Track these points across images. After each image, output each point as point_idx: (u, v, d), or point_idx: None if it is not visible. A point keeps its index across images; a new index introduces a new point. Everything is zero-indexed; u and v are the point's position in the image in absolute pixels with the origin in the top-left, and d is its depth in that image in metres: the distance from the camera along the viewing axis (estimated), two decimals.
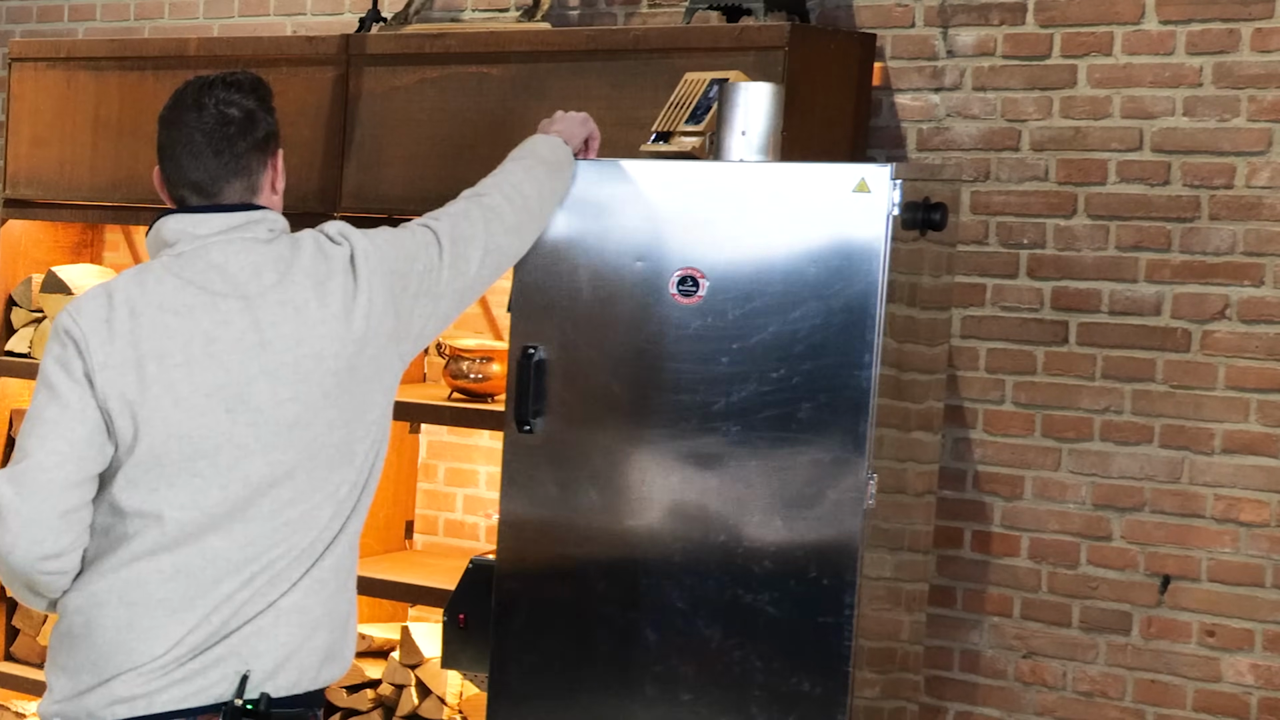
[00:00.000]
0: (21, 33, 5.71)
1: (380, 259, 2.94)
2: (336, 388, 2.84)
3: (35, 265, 5.31)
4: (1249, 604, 3.95)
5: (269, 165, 2.93)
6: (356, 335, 2.86)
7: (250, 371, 2.79)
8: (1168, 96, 4.01)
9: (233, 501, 2.79)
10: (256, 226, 2.88)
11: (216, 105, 2.89)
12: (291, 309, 2.82)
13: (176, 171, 2.92)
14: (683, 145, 3.73)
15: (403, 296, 2.96)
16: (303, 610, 2.82)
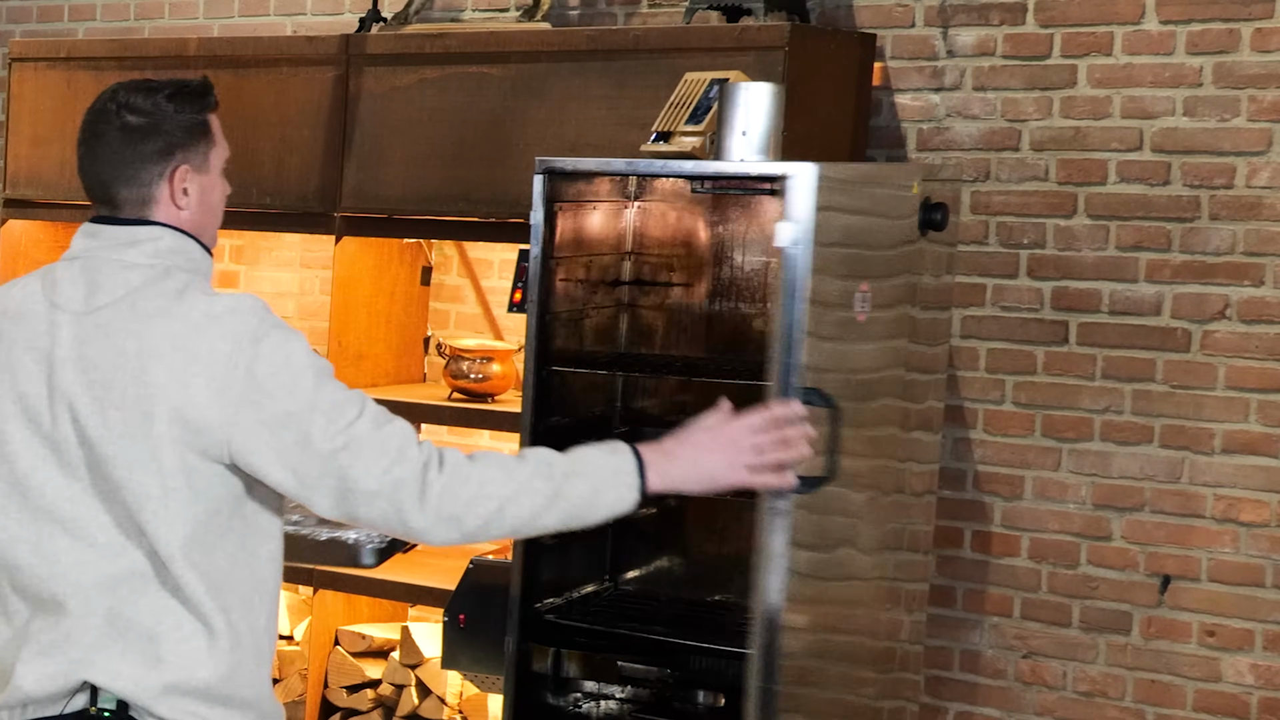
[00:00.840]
0: (21, 33, 5.71)
1: (246, 349, 2.65)
2: (122, 424, 2.67)
3: (35, 265, 5.28)
4: (1249, 604, 3.95)
5: (165, 178, 2.77)
6: (158, 383, 2.66)
7: (48, 386, 2.71)
8: (1168, 96, 4.01)
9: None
10: (134, 249, 2.76)
11: (118, 111, 2.78)
12: (103, 334, 2.69)
13: (79, 174, 2.84)
14: (683, 145, 3.73)
15: (246, 407, 2.65)
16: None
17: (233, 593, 2.69)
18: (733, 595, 4.00)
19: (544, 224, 3.77)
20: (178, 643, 2.65)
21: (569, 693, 3.96)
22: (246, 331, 2.65)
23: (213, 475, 2.66)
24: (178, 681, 2.64)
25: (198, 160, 2.80)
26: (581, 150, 4.10)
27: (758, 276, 4.08)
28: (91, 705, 2.65)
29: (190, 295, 2.71)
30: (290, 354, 2.67)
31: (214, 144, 2.83)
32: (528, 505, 2.69)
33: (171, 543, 2.64)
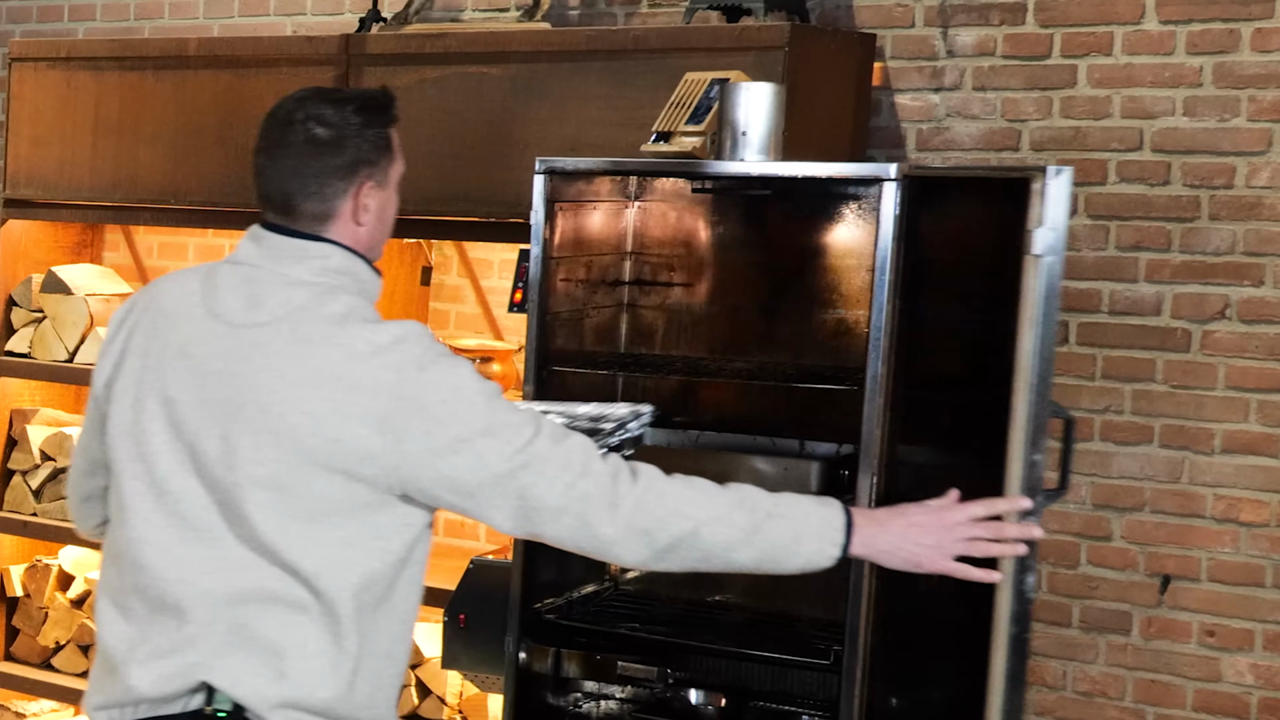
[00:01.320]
0: (21, 33, 5.71)
1: (411, 379, 2.61)
2: (273, 448, 2.65)
3: (35, 265, 5.31)
4: (1249, 604, 3.95)
5: (350, 193, 2.73)
6: (318, 414, 2.63)
7: (198, 396, 2.69)
8: (1168, 96, 4.01)
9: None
10: (300, 265, 2.72)
11: (305, 121, 2.72)
12: (261, 351, 2.67)
13: (257, 183, 2.78)
14: (683, 145, 3.73)
15: (415, 436, 2.62)
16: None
17: (372, 622, 2.67)
18: (732, 595, 4.00)
19: (544, 224, 3.77)
20: (302, 659, 2.63)
21: (569, 693, 3.96)
22: (411, 361, 2.62)
23: (377, 503, 2.63)
24: (298, 698, 2.63)
25: (380, 175, 2.76)
26: (581, 150, 4.10)
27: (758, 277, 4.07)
28: (207, 705, 2.64)
29: (353, 323, 2.65)
30: (458, 380, 2.64)
31: (394, 159, 2.80)
32: (723, 534, 2.65)
33: (312, 566, 2.62)
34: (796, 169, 3.63)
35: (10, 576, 5.28)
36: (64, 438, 5.19)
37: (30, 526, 5.17)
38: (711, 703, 3.83)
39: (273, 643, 2.63)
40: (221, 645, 2.64)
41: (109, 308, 5.19)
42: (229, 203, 4.76)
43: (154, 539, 2.69)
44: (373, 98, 2.80)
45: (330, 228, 2.73)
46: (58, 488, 5.16)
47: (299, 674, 2.63)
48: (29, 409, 5.31)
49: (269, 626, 2.63)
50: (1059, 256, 3.17)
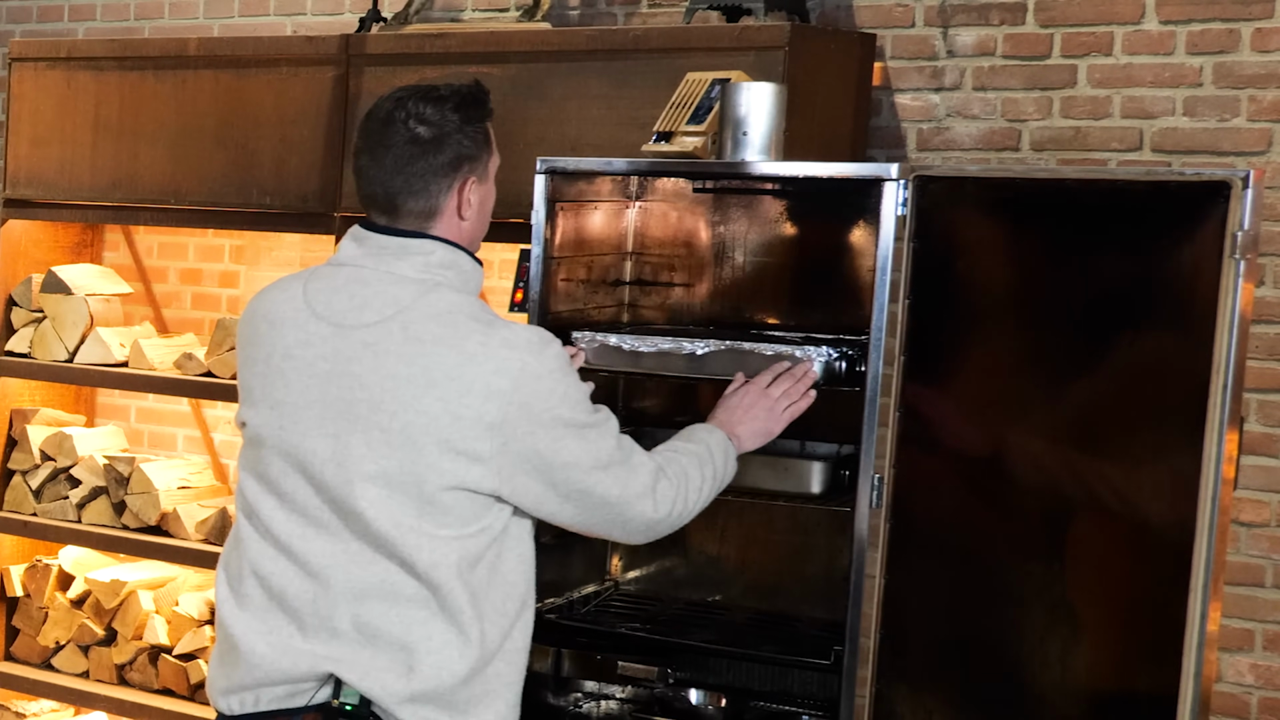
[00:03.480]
0: (21, 33, 5.71)
1: (525, 386, 2.73)
2: (385, 446, 2.72)
3: (35, 265, 5.31)
4: (1249, 604, 3.95)
5: (454, 190, 2.80)
6: (430, 413, 2.71)
7: (306, 397, 2.75)
8: (1168, 96, 4.01)
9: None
10: (403, 261, 2.79)
11: (406, 120, 2.78)
12: (370, 351, 2.73)
13: (359, 183, 2.84)
14: (684, 145, 3.73)
15: (521, 438, 2.75)
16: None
17: (487, 600, 2.75)
18: (733, 595, 4.00)
19: (545, 224, 3.77)
20: (429, 653, 2.71)
21: (569, 693, 3.96)
22: (525, 368, 2.72)
23: (474, 501, 2.72)
24: (426, 691, 2.70)
25: (481, 170, 2.83)
26: (582, 150, 4.10)
27: (759, 277, 4.07)
28: (334, 699, 2.71)
29: (463, 321, 2.72)
30: (567, 391, 2.77)
31: (493, 153, 2.87)
32: (706, 488, 3.07)
33: (426, 560, 2.69)
34: (798, 169, 3.63)
35: (10, 576, 5.28)
36: (64, 438, 5.18)
37: (30, 526, 5.17)
38: (711, 703, 3.83)
39: (398, 638, 2.70)
40: (348, 639, 2.71)
41: (109, 308, 5.19)
42: (229, 203, 4.76)
43: (277, 532, 2.76)
44: (470, 94, 2.84)
45: (435, 224, 2.80)
46: (58, 488, 5.16)
47: (428, 667, 2.70)
48: (29, 409, 5.31)
49: (393, 621, 2.70)
50: (1250, 259, 3.15)
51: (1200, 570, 3.08)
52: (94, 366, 5.08)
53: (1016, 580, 3.32)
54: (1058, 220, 3.27)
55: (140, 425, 5.51)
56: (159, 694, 4.96)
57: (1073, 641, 3.26)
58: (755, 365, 3.52)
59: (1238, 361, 3.08)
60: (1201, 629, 3.09)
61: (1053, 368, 3.31)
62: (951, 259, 3.40)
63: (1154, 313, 3.23)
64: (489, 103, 2.86)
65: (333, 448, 2.72)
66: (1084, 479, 3.25)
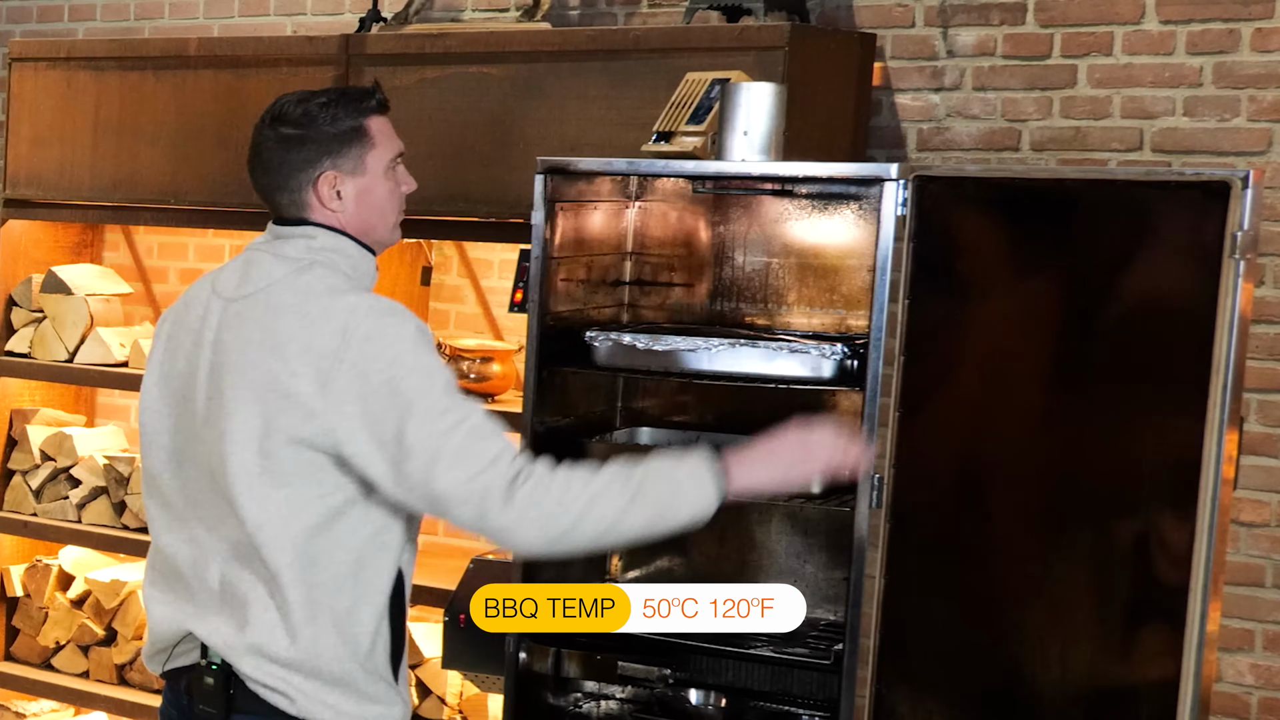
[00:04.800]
0: (21, 33, 5.71)
1: (357, 344, 2.80)
2: (238, 403, 2.86)
3: (35, 265, 5.31)
4: (1249, 604, 3.95)
5: (311, 185, 2.93)
6: (272, 373, 2.84)
7: (193, 365, 2.94)
8: (1168, 96, 4.01)
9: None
10: (289, 243, 2.94)
11: (277, 120, 2.96)
12: (240, 320, 2.89)
13: (252, 182, 3.03)
14: (684, 145, 3.73)
15: (352, 399, 2.80)
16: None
17: (324, 572, 2.84)
18: None
19: (545, 224, 3.77)
20: (261, 612, 2.84)
21: (569, 693, 3.96)
22: (357, 328, 2.80)
23: (319, 463, 2.81)
24: (258, 645, 2.83)
25: (349, 164, 2.94)
26: (582, 150, 4.10)
27: (759, 277, 4.08)
28: (201, 659, 2.92)
29: (320, 293, 2.86)
30: (398, 355, 2.79)
31: (373, 145, 2.95)
32: (610, 506, 2.78)
33: (252, 518, 2.82)
34: (797, 169, 3.63)
35: (10, 576, 5.28)
36: (64, 438, 5.18)
37: (30, 526, 5.17)
38: (711, 703, 3.83)
39: (241, 595, 2.86)
40: (210, 600, 2.90)
41: (109, 308, 5.19)
42: (229, 203, 4.76)
43: (172, 501, 2.97)
44: (347, 91, 3.01)
45: (310, 216, 2.95)
46: (58, 488, 5.16)
47: (258, 623, 2.84)
48: (29, 409, 5.31)
49: (241, 579, 2.86)
50: (1249, 260, 3.14)
51: (1200, 570, 3.09)
52: (94, 366, 5.08)
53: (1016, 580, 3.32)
54: (1057, 220, 3.27)
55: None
56: (159, 694, 4.95)
57: (1072, 641, 3.26)
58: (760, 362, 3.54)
59: (1237, 361, 3.09)
60: (1201, 629, 3.10)
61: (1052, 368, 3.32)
62: (951, 259, 3.40)
63: (1154, 313, 3.23)
64: (371, 98, 2.98)
65: (206, 409, 2.89)
66: (1083, 478, 3.26)
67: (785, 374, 3.65)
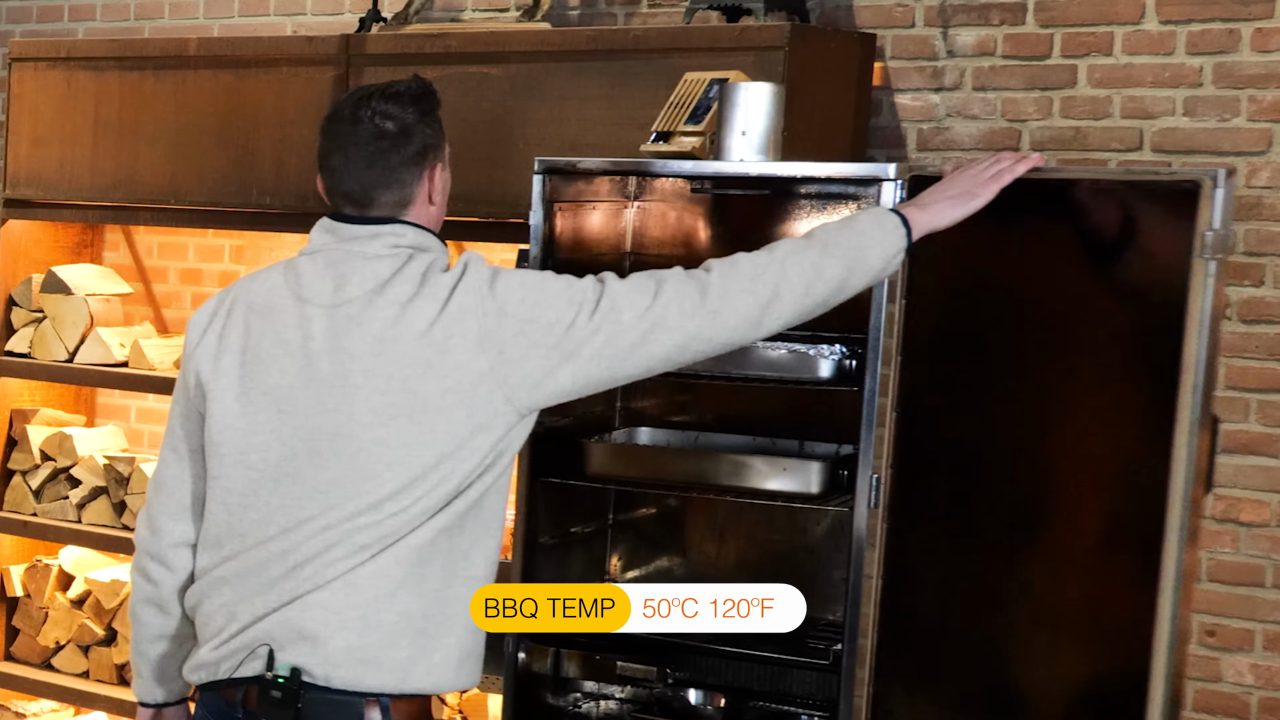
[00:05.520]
0: (21, 33, 5.71)
1: (488, 295, 2.86)
2: (390, 408, 2.83)
3: (35, 265, 5.31)
4: (1249, 604, 3.95)
5: (424, 178, 2.98)
6: (424, 361, 2.83)
7: (304, 377, 2.87)
8: (1168, 96, 4.01)
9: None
10: (375, 241, 2.92)
11: (371, 118, 2.94)
12: (356, 324, 2.86)
13: (332, 181, 2.98)
14: (683, 145, 3.73)
15: (512, 341, 2.85)
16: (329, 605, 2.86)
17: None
18: None
19: (543, 224, 3.77)
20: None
21: (569, 693, 3.96)
22: (482, 280, 2.87)
23: (504, 424, 2.86)
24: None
25: (443, 157, 3.05)
26: (581, 150, 4.10)
27: None
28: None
29: (433, 274, 2.89)
30: (523, 279, 2.90)
31: (446, 140, 3.07)
32: (804, 259, 2.89)
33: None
34: (796, 169, 3.63)
35: (10, 576, 5.28)
36: (64, 438, 5.19)
37: (30, 526, 5.17)
38: (711, 703, 3.83)
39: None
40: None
41: (109, 308, 5.19)
42: (229, 203, 4.76)
43: (270, 514, 2.88)
44: (421, 88, 3.02)
45: (409, 211, 2.97)
46: (58, 488, 5.16)
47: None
48: (29, 409, 5.31)
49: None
50: (1221, 260, 3.13)
51: (1171, 569, 3.09)
52: (94, 366, 5.08)
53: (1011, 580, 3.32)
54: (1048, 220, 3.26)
55: (140, 425, 5.51)
56: None
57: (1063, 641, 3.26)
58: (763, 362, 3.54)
59: (1208, 362, 3.08)
60: (1173, 628, 3.10)
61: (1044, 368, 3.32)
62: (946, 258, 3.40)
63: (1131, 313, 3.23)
64: (437, 94, 3.05)
65: (336, 421, 2.83)
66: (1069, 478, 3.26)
67: (784, 374, 3.65)
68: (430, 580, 2.85)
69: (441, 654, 2.88)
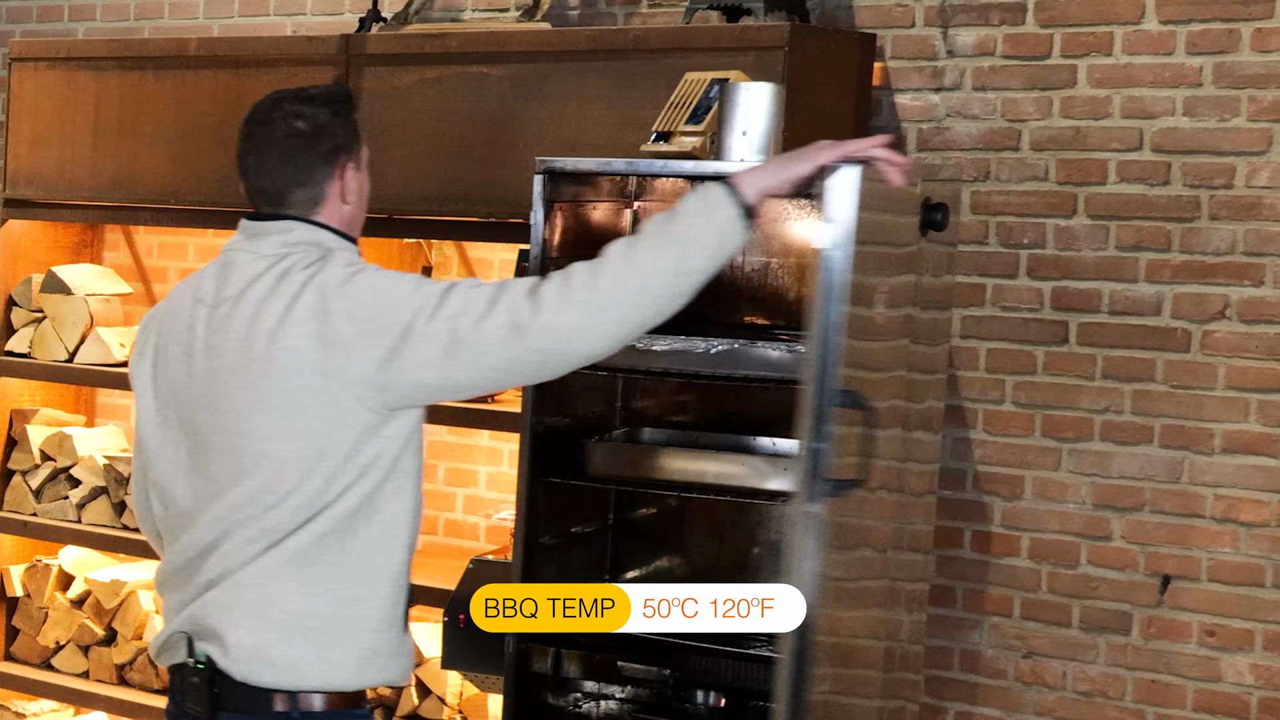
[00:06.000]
0: (21, 33, 5.71)
1: (334, 295, 2.88)
2: (250, 402, 2.90)
3: (35, 265, 5.31)
4: (1249, 604, 3.95)
5: (335, 177, 2.99)
6: (274, 359, 2.89)
7: (190, 374, 2.96)
8: (1168, 96, 4.01)
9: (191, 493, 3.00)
10: (265, 240, 2.97)
11: (284, 118, 2.99)
12: (226, 323, 2.94)
13: (247, 181, 3.04)
14: (683, 145, 3.73)
15: (356, 342, 2.86)
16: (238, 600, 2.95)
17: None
18: None
19: (544, 224, 3.77)
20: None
21: (569, 693, 3.96)
22: (333, 280, 2.88)
23: (361, 422, 2.87)
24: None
25: (356, 159, 3.05)
26: (581, 150, 4.10)
27: (758, 276, 4.07)
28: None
29: (293, 272, 2.92)
30: (376, 280, 2.90)
31: (362, 144, 3.08)
32: (640, 258, 2.79)
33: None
34: None
35: (10, 576, 5.28)
36: (64, 438, 5.18)
37: (30, 526, 5.17)
38: (711, 703, 3.83)
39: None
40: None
41: (109, 308, 5.19)
42: (229, 203, 4.74)
43: (187, 506, 2.97)
44: (335, 92, 3.10)
45: (320, 210, 3.00)
46: (58, 488, 5.16)
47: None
48: (29, 409, 5.31)
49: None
50: (846, 251, 3.14)
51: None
52: (94, 366, 5.08)
53: None
54: None
55: None
56: (159, 694, 4.95)
57: None
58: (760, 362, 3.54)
59: (828, 350, 3.15)
60: None
61: None
62: None
63: None
64: (352, 99, 3.10)
65: (213, 416, 2.93)
66: None
67: (785, 373, 3.65)
68: (322, 582, 2.90)
69: (341, 654, 2.92)
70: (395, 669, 2.97)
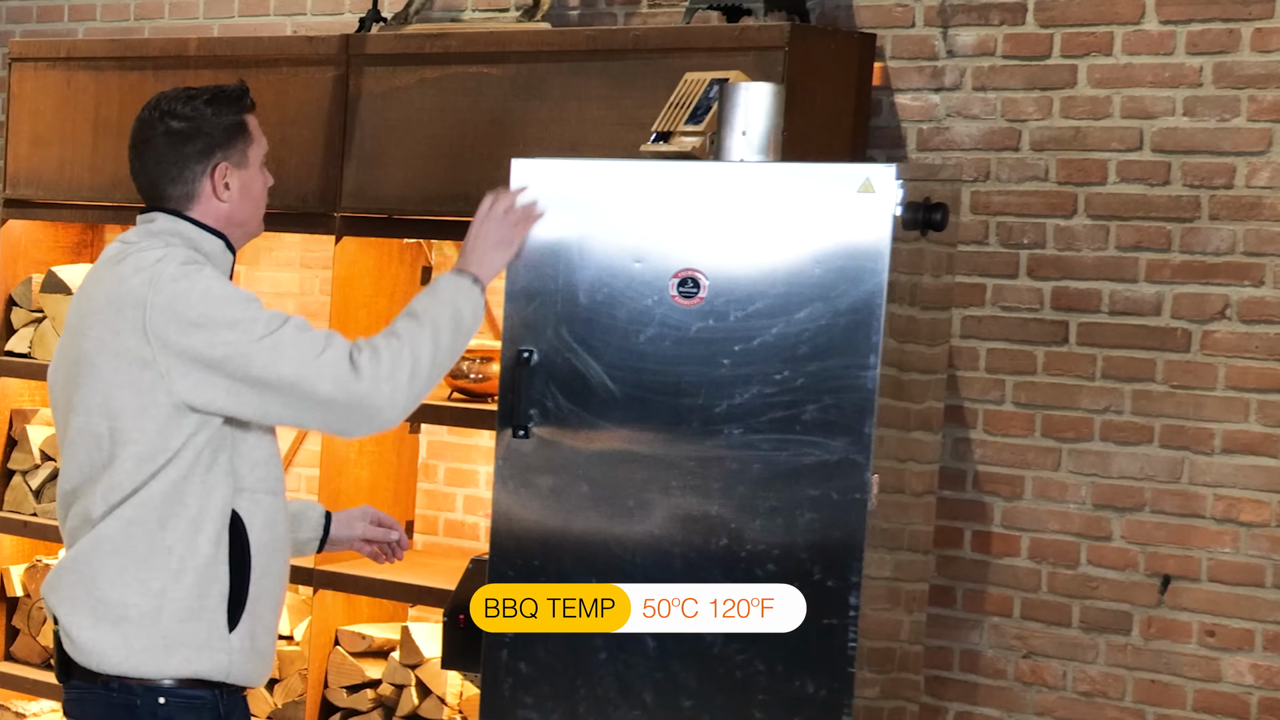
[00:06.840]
0: (21, 33, 5.71)
1: (165, 288, 3.02)
2: (80, 375, 3.08)
3: (35, 265, 5.32)
4: (1249, 604, 3.95)
5: (207, 175, 3.13)
6: (98, 337, 3.06)
7: (61, 351, 3.18)
8: (1168, 96, 4.01)
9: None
10: (135, 230, 3.16)
11: (162, 118, 3.14)
12: (80, 302, 3.14)
13: (132, 177, 3.20)
14: (683, 145, 3.73)
15: (175, 338, 3.01)
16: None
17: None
18: None
19: None
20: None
21: None
22: (166, 274, 3.01)
23: (164, 413, 3.01)
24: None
25: (236, 157, 3.17)
26: (581, 150, 4.10)
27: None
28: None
29: (131, 255, 3.08)
30: (209, 287, 3.02)
31: (252, 141, 3.21)
32: (424, 344, 3.13)
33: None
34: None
35: (10, 576, 5.28)
36: None
37: (30, 526, 5.17)
38: None
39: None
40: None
41: None
42: None
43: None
44: (224, 90, 3.23)
45: (194, 206, 3.14)
46: None
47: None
48: (29, 409, 5.31)
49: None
50: None
51: None
52: None
53: None
54: None
55: None
56: None
57: None
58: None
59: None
60: None
61: None
62: None
63: None
64: (246, 98, 3.22)
65: (69, 391, 3.10)
66: None
67: None
68: (131, 571, 3.02)
69: (144, 643, 3.03)
70: (205, 662, 3.05)
